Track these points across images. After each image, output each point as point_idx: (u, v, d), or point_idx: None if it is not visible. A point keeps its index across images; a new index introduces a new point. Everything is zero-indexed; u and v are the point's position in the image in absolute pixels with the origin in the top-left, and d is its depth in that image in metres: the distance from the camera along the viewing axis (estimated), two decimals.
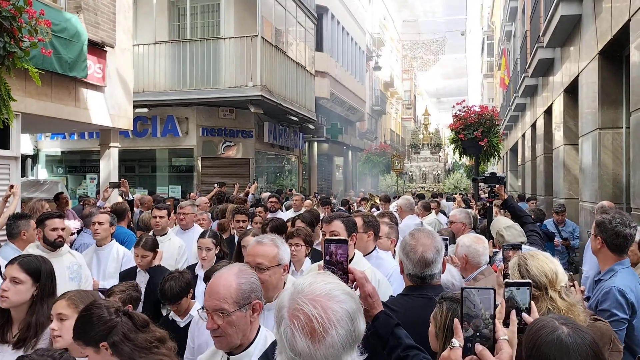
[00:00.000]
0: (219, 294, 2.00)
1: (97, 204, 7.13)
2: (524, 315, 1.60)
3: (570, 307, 2.05)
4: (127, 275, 4.45)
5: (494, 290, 1.42)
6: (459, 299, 2.05)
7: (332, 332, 1.27)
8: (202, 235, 4.55)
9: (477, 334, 1.38)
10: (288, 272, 2.78)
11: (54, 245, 4.27)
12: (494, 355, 1.37)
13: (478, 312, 1.38)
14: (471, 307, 1.39)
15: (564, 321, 1.53)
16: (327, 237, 2.60)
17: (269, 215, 7.63)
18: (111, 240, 4.97)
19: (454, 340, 1.40)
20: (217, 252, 4.46)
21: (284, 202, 11.08)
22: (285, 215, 8.09)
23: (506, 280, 1.80)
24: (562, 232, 8.32)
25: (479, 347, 1.37)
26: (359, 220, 3.74)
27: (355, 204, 11.90)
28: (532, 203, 11.58)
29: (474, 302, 1.39)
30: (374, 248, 3.80)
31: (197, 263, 4.58)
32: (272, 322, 2.42)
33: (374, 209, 8.98)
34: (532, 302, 1.71)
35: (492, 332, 1.39)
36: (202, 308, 2.05)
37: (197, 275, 4.30)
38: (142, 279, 4.30)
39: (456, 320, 1.42)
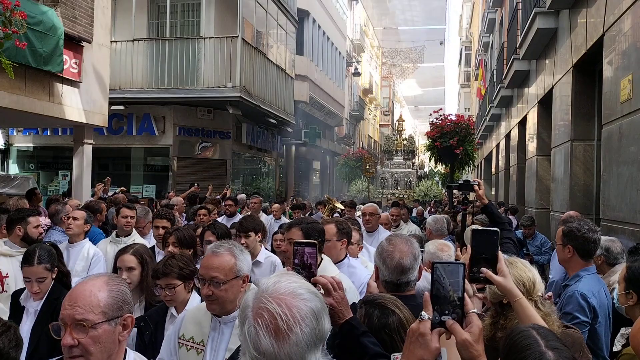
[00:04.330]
0: (84, 300, 1.64)
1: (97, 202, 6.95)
2: (448, 322, 1.40)
3: (545, 317, 2.07)
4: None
5: (464, 265, 1.44)
6: (377, 303, 2.07)
7: (297, 330, 1.26)
8: (29, 261, 3.19)
9: (449, 306, 1.40)
10: (249, 282, 2.48)
11: (35, 242, 4.20)
12: (463, 329, 1.39)
13: (447, 294, 1.40)
14: (440, 289, 1.41)
15: (549, 343, 1.48)
16: (297, 240, 2.51)
17: (223, 219, 7.24)
18: (84, 238, 4.86)
19: (423, 312, 1.41)
20: (54, 275, 3.30)
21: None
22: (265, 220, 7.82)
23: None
24: (528, 245, 7.94)
25: (449, 322, 1.39)
26: (332, 228, 3.66)
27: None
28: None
29: (443, 285, 1.40)
30: (346, 255, 3.72)
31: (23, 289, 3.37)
32: (228, 337, 2.32)
33: (336, 215, 8.53)
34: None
35: (461, 306, 1.40)
36: (57, 322, 1.67)
37: (25, 308, 3.28)
38: None
39: (426, 294, 1.43)
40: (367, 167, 21.59)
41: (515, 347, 1.50)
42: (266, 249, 4.73)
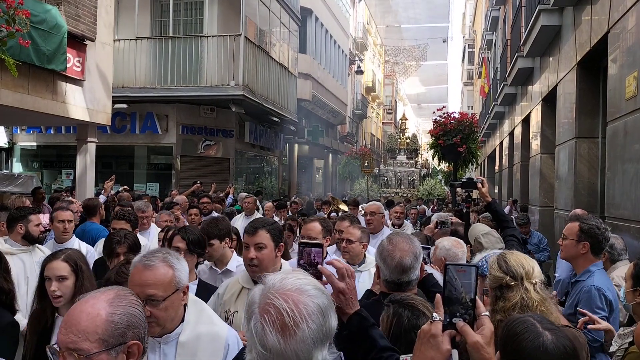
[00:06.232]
0: (79, 326, 1.40)
1: (99, 199, 6.95)
2: (458, 325, 1.38)
3: (542, 301, 2.07)
4: None
5: (477, 267, 1.43)
6: (407, 304, 2.05)
7: (303, 326, 1.26)
8: None
9: (460, 308, 1.39)
10: (188, 292, 2.19)
11: (37, 241, 4.19)
12: (474, 331, 1.38)
13: (459, 296, 1.39)
14: (452, 291, 1.39)
15: (544, 325, 1.51)
16: (301, 240, 2.44)
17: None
18: (72, 236, 4.77)
19: (434, 314, 1.40)
20: None
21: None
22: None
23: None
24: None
25: (460, 323, 1.37)
26: (316, 226, 3.65)
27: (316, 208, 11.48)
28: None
29: (455, 286, 1.39)
30: (326, 254, 3.68)
31: None
32: (171, 357, 2.09)
33: (333, 214, 8.20)
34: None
35: (473, 308, 1.39)
36: (55, 343, 1.44)
37: None
38: None
39: (438, 295, 1.42)
40: (366, 164, 21.36)
41: (512, 332, 1.52)
42: None
